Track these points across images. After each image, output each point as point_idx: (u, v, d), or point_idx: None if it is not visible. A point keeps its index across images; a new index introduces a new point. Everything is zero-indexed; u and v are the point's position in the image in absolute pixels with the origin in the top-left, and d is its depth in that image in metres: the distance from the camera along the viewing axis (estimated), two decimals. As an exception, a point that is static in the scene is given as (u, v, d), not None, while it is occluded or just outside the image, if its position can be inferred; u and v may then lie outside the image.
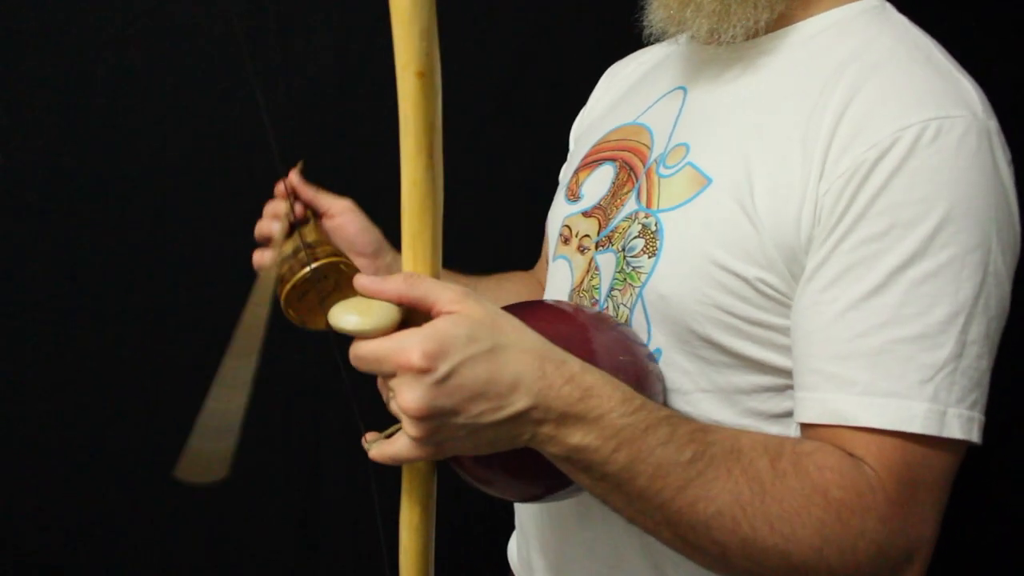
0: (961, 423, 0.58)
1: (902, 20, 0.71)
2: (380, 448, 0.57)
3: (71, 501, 1.50)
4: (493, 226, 1.58)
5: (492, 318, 0.54)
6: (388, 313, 0.54)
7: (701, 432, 0.57)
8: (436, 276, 0.57)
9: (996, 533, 1.79)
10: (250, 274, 0.89)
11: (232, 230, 1.50)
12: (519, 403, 0.53)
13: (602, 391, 0.55)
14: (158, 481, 1.53)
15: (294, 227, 0.83)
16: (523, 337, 0.55)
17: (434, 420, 0.52)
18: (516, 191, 1.51)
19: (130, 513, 1.53)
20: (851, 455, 0.58)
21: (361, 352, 0.53)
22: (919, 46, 0.67)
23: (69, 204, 1.45)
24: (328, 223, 0.86)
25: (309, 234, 0.81)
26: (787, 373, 0.66)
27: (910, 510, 0.57)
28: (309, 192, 0.85)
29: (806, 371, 0.62)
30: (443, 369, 0.51)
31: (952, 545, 0.75)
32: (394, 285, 0.54)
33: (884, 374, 0.58)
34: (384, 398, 0.57)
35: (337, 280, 0.77)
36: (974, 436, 0.59)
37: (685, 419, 0.58)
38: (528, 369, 0.53)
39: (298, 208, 0.83)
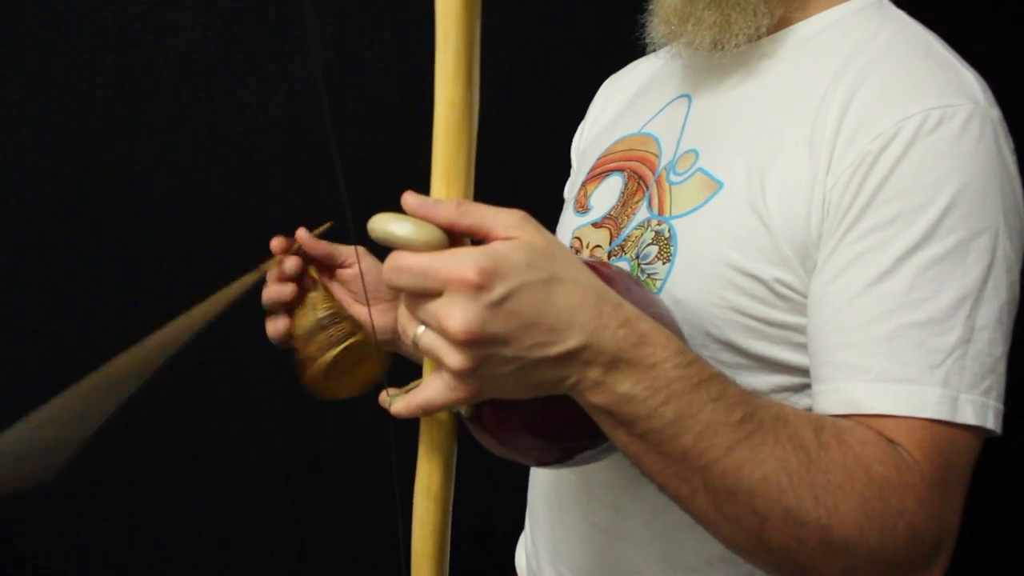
0: (975, 408, 0.57)
1: (900, 15, 0.71)
2: (406, 399, 0.52)
3: (71, 501, 1.50)
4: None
5: (552, 248, 0.50)
6: (440, 236, 0.48)
7: (748, 395, 0.54)
8: None
9: (1008, 526, 1.79)
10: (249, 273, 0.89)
11: (233, 230, 1.51)
12: (572, 340, 0.49)
13: (657, 339, 0.51)
14: (158, 481, 1.54)
15: (302, 288, 0.81)
16: (581, 273, 0.50)
17: (483, 348, 0.47)
18: (515, 203, 1.51)
19: (130, 513, 1.54)
20: (886, 437, 0.57)
21: (405, 262, 0.48)
22: (918, 39, 0.67)
23: (69, 204, 1.45)
24: (345, 272, 0.85)
25: (321, 302, 0.79)
26: (805, 371, 0.66)
27: (944, 494, 0.56)
28: (322, 246, 0.82)
29: (820, 363, 0.62)
30: (499, 290, 0.46)
31: (971, 539, 0.74)
32: (446, 209, 0.49)
33: (895, 360, 0.58)
34: (409, 337, 0.50)
35: (362, 354, 0.77)
36: (989, 423, 0.58)
37: (733, 380, 0.55)
38: (585, 306, 0.49)
39: (289, 265, 0.81)
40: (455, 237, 0.50)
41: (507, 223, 0.49)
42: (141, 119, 1.47)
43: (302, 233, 0.82)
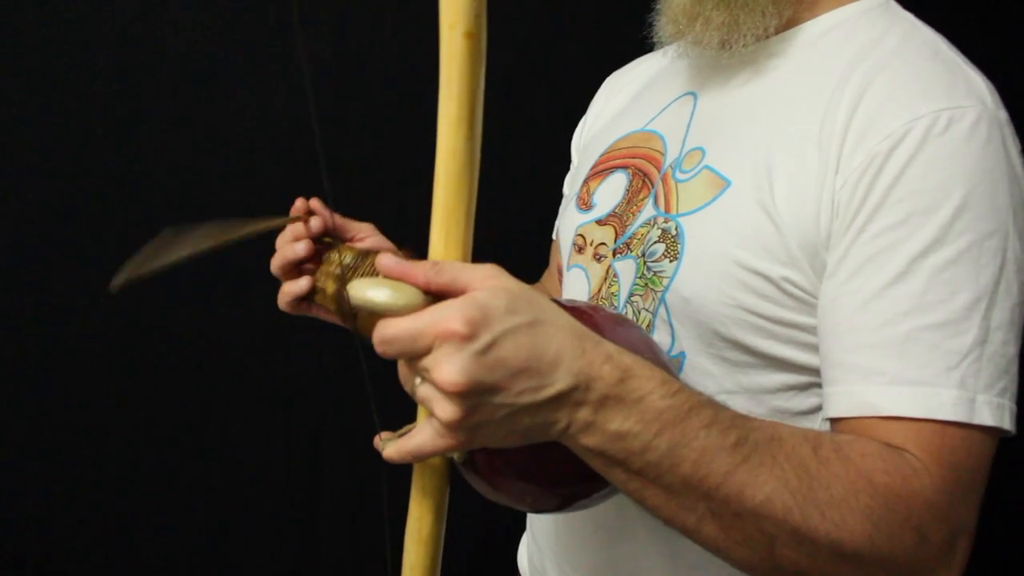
0: (991, 409, 0.58)
1: (908, 16, 0.72)
2: (398, 444, 0.52)
3: (71, 501, 1.50)
4: (494, 237, 1.58)
5: (528, 293, 0.50)
6: (418, 295, 0.49)
7: (741, 418, 0.54)
8: (467, 259, 0.53)
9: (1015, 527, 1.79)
10: (249, 277, 0.89)
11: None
12: (560, 382, 0.49)
13: (640, 372, 0.51)
14: (158, 481, 1.54)
15: (319, 251, 0.81)
16: (559, 314, 0.51)
17: (474, 397, 0.48)
18: (516, 200, 1.51)
19: (130, 513, 1.53)
20: (890, 445, 0.57)
21: (392, 331, 0.48)
22: (926, 41, 0.68)
23: (69, 204, 1.45)
24: (355, 247, 0.85)
25: (346, 249, 0.78)
26: (812, 370, 0.67)
27: (954, 496, 0.57)
28: (336, 219, 0.83)
29: (832, 365, 0.62)
30: (485, 338, 0.47)
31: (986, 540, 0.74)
32: (422, 269, 0.50)
33: (910, 362, 0.58)
34: (408, 388, 0.52)
35: None
36: (1006, 423, 0.58)
37: (724, 404, 0.55)
38: (568, 346, 0.49)
39: (315, 224, 0.80)
40: (433, 298, 0.50)
41: (483, 275, 0.50)
42: (141, 119, 1.47)
43: (315, 202, 0.83)
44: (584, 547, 0.80)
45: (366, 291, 0.49)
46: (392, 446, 0.53)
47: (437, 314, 0.48)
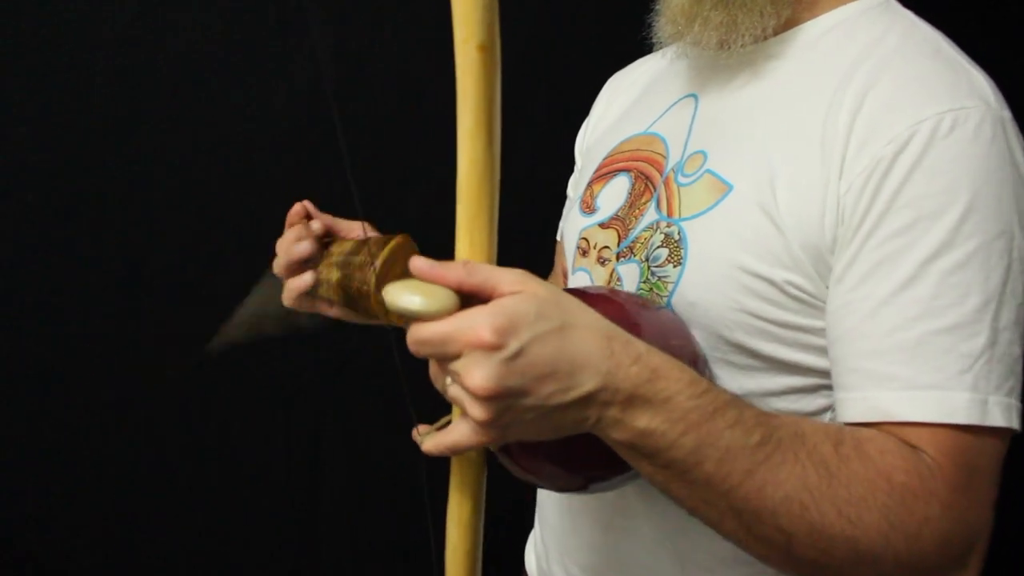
0: (1002, 410, 0.58)
1: (908, 15, 0.72)
2: (436, 439, 0.54)
3: (71, 501, 1.50)
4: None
5: (557, 296, 0.52)
6: (449, 297, 0.51)
7: (765, 416, 0.56)
8: (492, 263, 0.55)
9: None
10: (249, 277, 0.89)
11: (233, 230, 1.51)
12: (588, 384, 0.51)
13: (669, 373, 0.53)
14: (158, 481, 1.54)
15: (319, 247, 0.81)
16: (588, 316, 0.53)
17: (503, 400, 0.50)
18: (516, 200, 1.51)
19: (130, 513, 1.53)
20: (908, 444, 0.58)
21: (423, 335, 0.50)
22: (927, 40, 0.68)
23: (69, 204, 1.45)
24: (353, 238, 0.86)
25: (344, 242, 0.79)
26: (818, 373, 0.67)
27: (970, 497, 0.57)
28: (326, 219, 0.84)
29: (845, 371, 0.62)
30: (513, 346, 0.49)
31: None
32: (454, 271, 0.51)
33: (923, 367, 0.58)
34: (439, 386, 0.54)
35: (405, 267, 0.75)
36: (1015, 423, 0.59)
37: (748, 403, 0.56)
38: (596, 348, 0.51)
39: (316, 226, 0.81)
40: (464, 297, 0.52)
41: (511, 279, 0.51)
42: (141, 119, 1.46)
43: (308, 204, 0.84)
44: (591, 548, 0.80)
45: (400, 298, 0.51)
46: (431, 440, 0.55)
47: (467, 321, 0.49)
